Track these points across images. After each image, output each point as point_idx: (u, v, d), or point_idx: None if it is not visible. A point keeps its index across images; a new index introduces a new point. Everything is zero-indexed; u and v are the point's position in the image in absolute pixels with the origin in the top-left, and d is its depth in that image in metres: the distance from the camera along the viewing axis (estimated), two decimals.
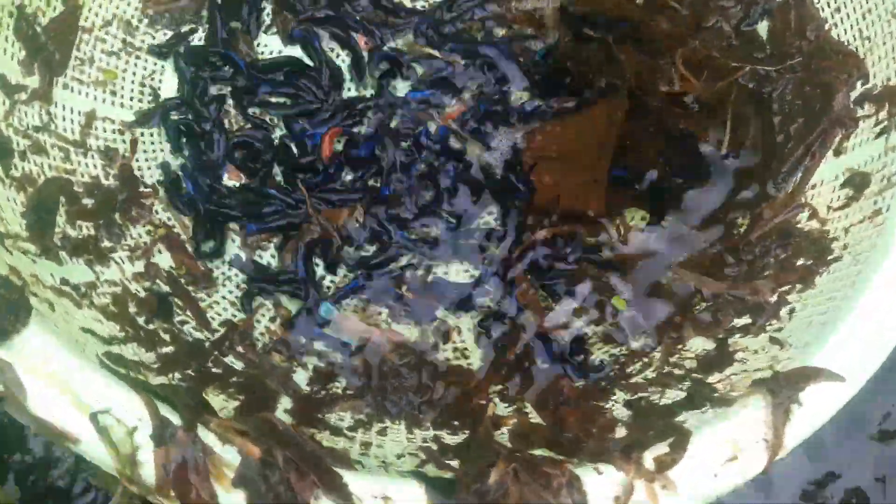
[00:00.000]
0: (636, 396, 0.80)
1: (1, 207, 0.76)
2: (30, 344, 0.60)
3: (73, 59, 0.97)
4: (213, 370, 0.83)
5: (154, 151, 1.00)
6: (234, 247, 0.98)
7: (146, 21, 1.05)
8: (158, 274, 0.92)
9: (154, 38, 1.05)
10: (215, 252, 0.96)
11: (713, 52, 0.86)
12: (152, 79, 1.04)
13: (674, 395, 0.77)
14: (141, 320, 0.84)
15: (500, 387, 0.89)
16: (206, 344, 0.87)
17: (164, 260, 0.94)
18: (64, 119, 0.94)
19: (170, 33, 1.05)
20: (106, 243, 0.90)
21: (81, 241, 0.87)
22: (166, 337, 0.85)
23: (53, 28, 0.94)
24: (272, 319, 0.95)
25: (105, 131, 0.98)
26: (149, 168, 0.99)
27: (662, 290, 0.86)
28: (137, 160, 0.99)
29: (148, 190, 0.97)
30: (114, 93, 1.00)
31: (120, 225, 0.93)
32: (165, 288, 0.92)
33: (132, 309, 0.85)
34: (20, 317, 0.60)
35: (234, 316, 0.94)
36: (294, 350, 0.93)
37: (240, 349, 0.90)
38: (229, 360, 0.87)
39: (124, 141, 0.99)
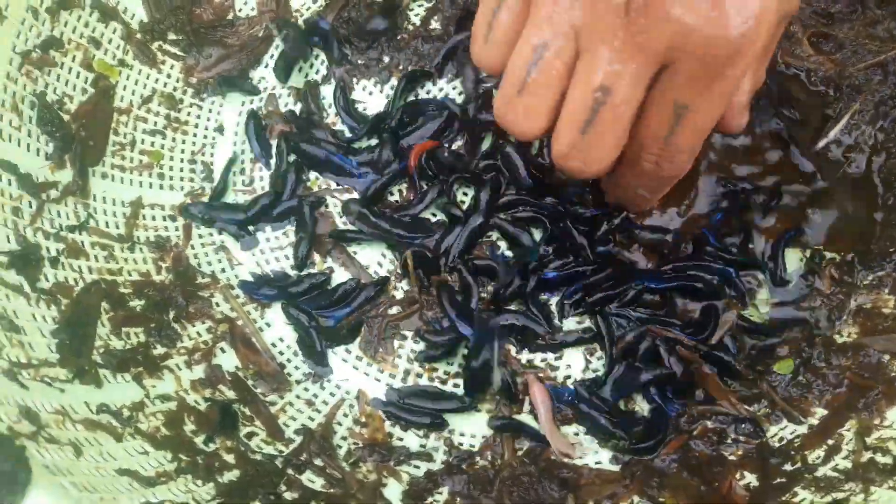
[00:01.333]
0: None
1: (23, 330, 0.64)
2: None
3: (110, 145, 0.86)
4: (287, 496, 0.68)
5: (211, 235, 0.88)
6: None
7: (191, 92, 0.94)
8: (222, 378, 0.79)
9: (201, 108, 0.93)
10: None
11: None
12: (203, 153, 0.92)
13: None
14: (199, 441, 0.71)
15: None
16: (279, 460, 0.73)
17: (228, 360, 0.81)
18: (105, 213, 0.83)
19: (215, 99, 0.94)
20: (159, 349, 0.78)
21: (129, 353, 0.75)
22: (230, 458, 0.71)
23: (84, 114, 0.84)
24: (357, 421, 0.79)
25: (154, 219, 0.87)
26: (206, 255, 0.87)
27: None
28: (193, 247, 0.87)
29: (206, 280, 0.85)
30: (161, 175, 0.89)
31: (175, 326, 0.80)
32: (230, 394, 0.78)
33: (189, 428, 0.72)
34: (18, 489, 0.46)
35: (312, 419, 0.79)
36: (390, 455, 0.77)
37: (319, 462, 0.74)
38: (306, 477, 0.72)
39: (177, 228, 0.87)
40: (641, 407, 0.78)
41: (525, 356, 0.81)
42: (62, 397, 0.62)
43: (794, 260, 0.83)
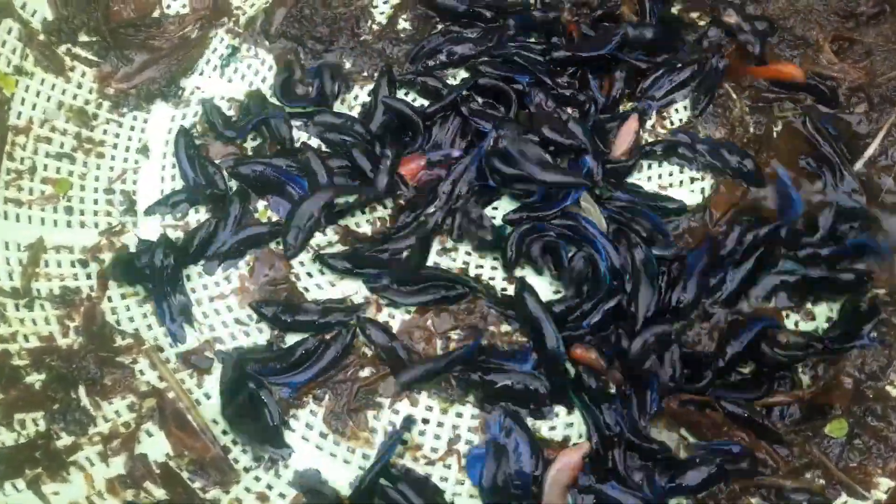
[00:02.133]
0: None
1: None
2: None
3: (3, 174, 0.68)
4: None
5: (122, 286, 0.70)
6: None
7: (107, 105, 0.76)
8: (149, 473, 0.61)
9: (121, 125, 0.76)
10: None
11: None
12: (123, 180, 0.75)
13: None
14: None
15: None
16: None
17: (157, 446, 0.63)
18: None
19: (138, 114, 0.76)
20: (65, 439, 0.60)
21: (24, 449, 0.57)
22: None
23: None
24: None
25: (60, 266, 0.69)
26: (127, 308, 0.69)
27: None
28: (110, 299, 0.69)
29: (128, 341, 0.67)
30: (69, 209, 0.71)
31: (86, 405, 0.63)
32: (159, 493, 0.61)
33: None
34: None
35: None
36: None
37: None
38: None
39: (89, 275, 0.69)
40: None
41: None
42: None
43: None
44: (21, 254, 0.67)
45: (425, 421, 0.67)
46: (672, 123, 0.78)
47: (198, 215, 0.74)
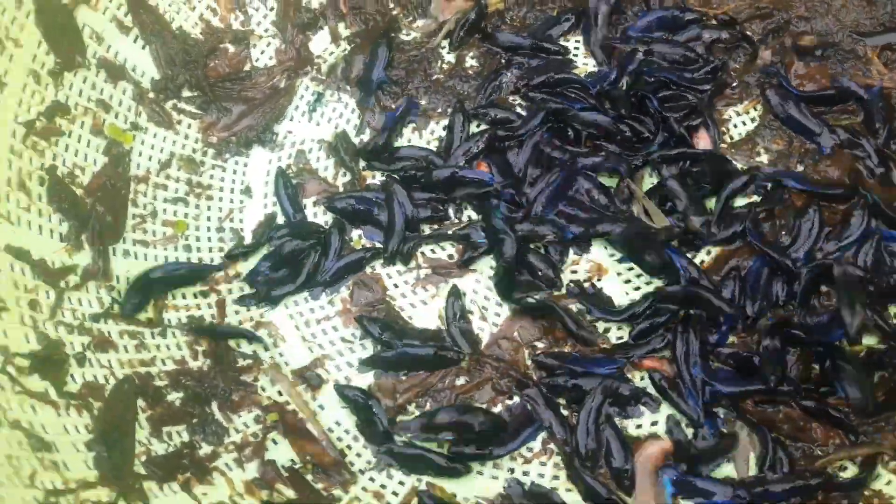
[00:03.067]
0: None
1: (54, 447, 0.54)
2: None
3: (130, 219, 0.77)
4: None
5: (248, 310, 0.78)
6: None
7: (212, 152, 0.85)
8: (278, 476, 0.68)
9: (224, 170, 0.84)
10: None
11: None
12: (231, 219, 0.83)
13: None
14: None
15: None
16: None
17: (282, 452, 0.71)
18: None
19: (239, 159, 0.85)
20: (205, 448, 0.68)
21: (174, 457, 0.64)
22: None
23: (99, 186, 0.75)
24: None
25: (185, 297, 0.77)
26: (245, 335, 0.77)
27: None
28: (229, 325, 0.77)
29: (248, 362, 0.75)
30: (188, 247, 0.80)
31: (219, 419, 0.70)
32: (289, 493, 0.68)
33: None
34: None
35: None
36: None
37: None
38: None
39: (210, 305, 0.77)
40: None
41: None
42: None
43: None
44: None
45: None
46: (731, 138, 0.84)
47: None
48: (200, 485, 0.64)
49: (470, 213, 0.82)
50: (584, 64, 0.89)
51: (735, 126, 0.85)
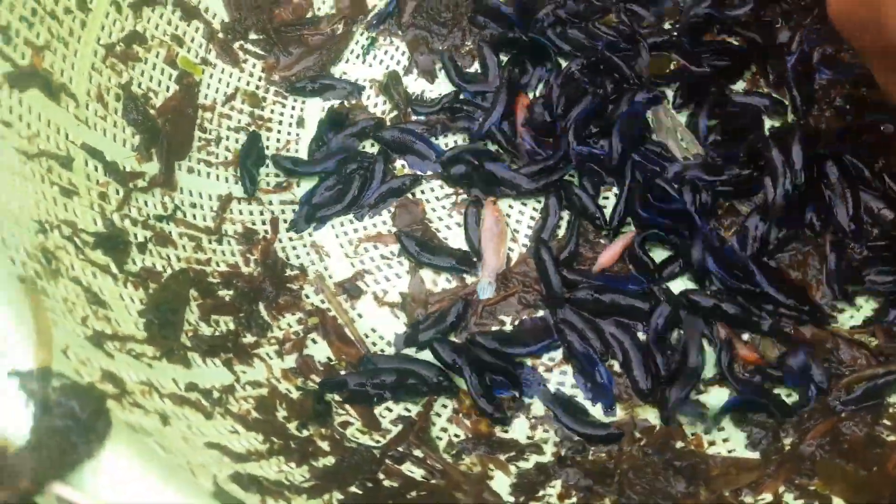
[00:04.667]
0: None
1: (109, 306, 0.61)
2: (108, 474, 0.42)
3: (196, 141, 0.85)
4: (386, 483, 0.62)
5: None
6: None
7: (273, 90, 0.92)
8: (314, 369, 0.74)
9: (284, 105, 0.91)
10: None
11: None
12: (287, 149, 0.90)
13: None
14: (292, 427, 0.66)
15: None
16: (376, 450, 0.67)
17: (320, 350, 0.76)
18: (193, 206, 0.81)
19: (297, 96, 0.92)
20: (249, 338, 0.74)
21: (218, 339, 0.71)
22: (324, 445, 0.65)
23: (169, 109, 0.83)
24: (456, 411, 0.72)
25: (241, 213, 0.84)
26: (293, 248, 0.83)
27: None
28: (280, 240, 0.83)
29: (295, 272, 0.81)
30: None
31: (264, 317, 0.76)
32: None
33: (281, 414, 0.67)
34: (94, 438, 0.42)
35: (408, 410, 0.72)
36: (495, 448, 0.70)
37: (418, 453, 0.68)
38: (406, 467, 0.66)
39: (264, 222, 0.84)
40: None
41: None
42: (149, 372, 0.59)
43: None
44: (212, 202, 0.82)
45: None
46: None
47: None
48: (240, 364, 0.70)
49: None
50: None
51: None
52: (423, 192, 0.85)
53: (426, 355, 0.75)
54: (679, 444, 0.69)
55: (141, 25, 0.82)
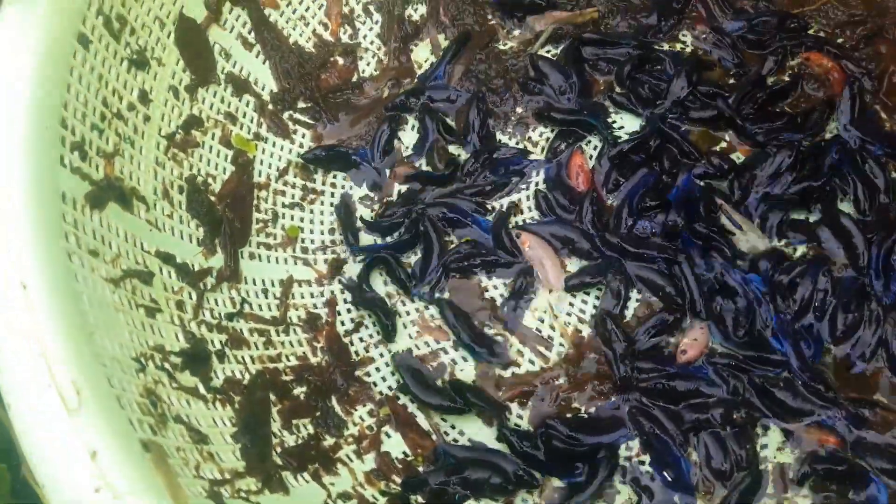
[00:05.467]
0: None
1: (209, 440, 0.60)
2: None
3: (254, 223, 0.83)
4: None
5: (354, 310, 0.83)
6: None
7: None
8: (393, 468, 0.74)
9: (335, 175, 0.90)
10: None
11: None
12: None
13: None
14: None
15: None
16: None
17: (395, 445, 0.76)
18: (257, 295, 0.79)
19: None
20: (329, 440, 0.74)
21: (303, 448, 0.70)
22: None
23: (228, 193, 0.81)
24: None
25: (303, 297, 0.83)
26: (357, 333, 0.82)
27: None
28: (342, 322, 0.82)
29: (360, 357, 0.81)
30: (305, 249, 0.85)
31: (338, 412, 0.76)
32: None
33: None
34: None
35: None
36: None
37: None
38: None
39: (324, 304, 0.83)
40: None
41: None
42: None
43: None
44: (275, 289, 0.81)
45: None
46: None
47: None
48: (327, 475, 0.70)
49: None
50: None
51: None
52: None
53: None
54: None
55: (197, 108, 0.80)
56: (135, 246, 0.67)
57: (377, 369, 0.81)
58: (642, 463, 0.75)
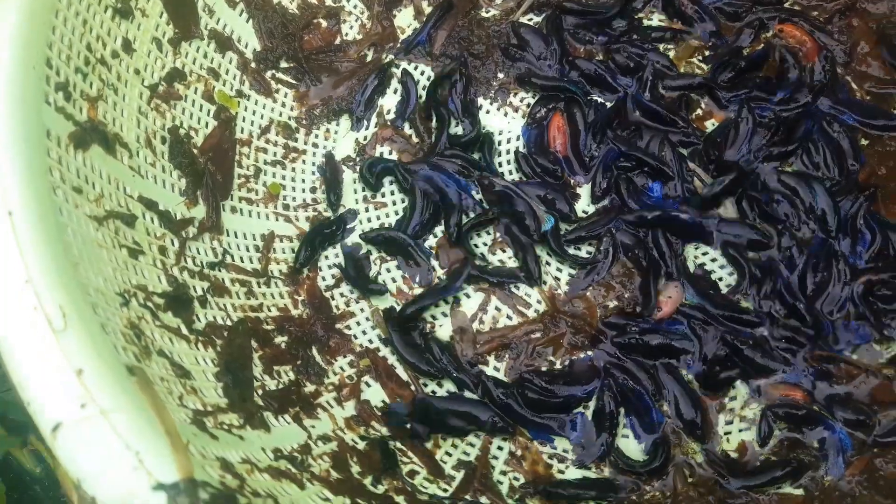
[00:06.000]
0: None
1: (192, 376, 0.61)
2: None
3: (236, 178, 0.84)
4: None
5: (337, 256, 0.84)
6: None
7: (305, 121, 0.91)
8: (373, 415, 0.75)
9: (316, 136, 0.91)
10: None
11: None
12: (322, 183, 0.89)
13: None
14: (368, 482, 0.67)
15: None
16: (446, 500, 0.69)
17: (375, 394, 0.77)
18: (239, 248, 0.80)
19: (329, 126, 0.91)
20: (309, 387, 0.75)
21: (284, 392, 0.71)
22: (401, 500, 0.67)
23: (210, 147, 0.81)
24: (512, 454, 0.75)
25: (283, 252, 0.84)
26: (337, 287, 0.83)
27: None
28: (324, 278, 0.83)
29: (342, 311, 0.82)
30: (286, 206, 0.86)
31: (319, 362, 0.77)
32: (384, 430, 0.74)
33: (355, 469, 0.68)
34: None
35: (467, 454, 0.75)
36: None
37: (485, 500, 0.70)
38: None
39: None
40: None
41: None
42: (243, 446, 0.59)
43: None
44: (257, 242, 0.82)
45: None
46: None
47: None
48: (308, 418, 0.71)
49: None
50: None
51: None
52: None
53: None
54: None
55: (180, 61, 0.80)
56: (118, 189, 0.67)
57: (357, 323, 0.82)
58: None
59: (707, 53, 0.92)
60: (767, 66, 0.90)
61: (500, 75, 0.94)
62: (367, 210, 0.87)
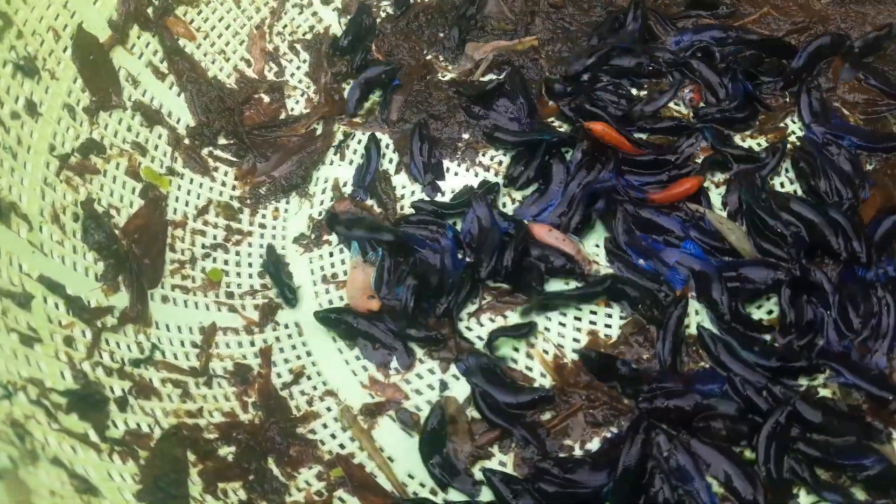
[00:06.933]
0: None
1: (101, 493, 0.45)
2: None
3: (168, 264, 0.70)
4: None
5: (299, 358, 0.70)
6: None
7: (249, 199, 0.79)
8: None
9: (264, 216, 0.79)
10: None
11: None
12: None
13: None
14: None
15: None
16: None
17: None
18: (172, 342, 0.65)
19: (278, 205, 0.79)
20: None
21: None
22: None
23: (136, 228, 0.69)
24: None
25: (229, 346, 0.69)
26: (297, 385, 0.68)
27: None
28: (279, 374, 0.69)
29: (304, 411, 0.66)
30: (230, 294, 0.72)
31: (277, 475, 0.61)
32: None
33: None
34: None
35: None
36: None
37: None
38: None
39: (256, 354, 0.69)
40: None
41: None
42: None
43: None
44: (193, 336, 0.67)
45: None
46: None
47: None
48: None
49: None
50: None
51: None
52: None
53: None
54: None
55: (98, 132, 0.69)
56: (10, 265, 0.53)
57: (324, 425, 0.66)
58: None
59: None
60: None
61: (466, 136, 0.84)
62: (327, 292, 0.74)
